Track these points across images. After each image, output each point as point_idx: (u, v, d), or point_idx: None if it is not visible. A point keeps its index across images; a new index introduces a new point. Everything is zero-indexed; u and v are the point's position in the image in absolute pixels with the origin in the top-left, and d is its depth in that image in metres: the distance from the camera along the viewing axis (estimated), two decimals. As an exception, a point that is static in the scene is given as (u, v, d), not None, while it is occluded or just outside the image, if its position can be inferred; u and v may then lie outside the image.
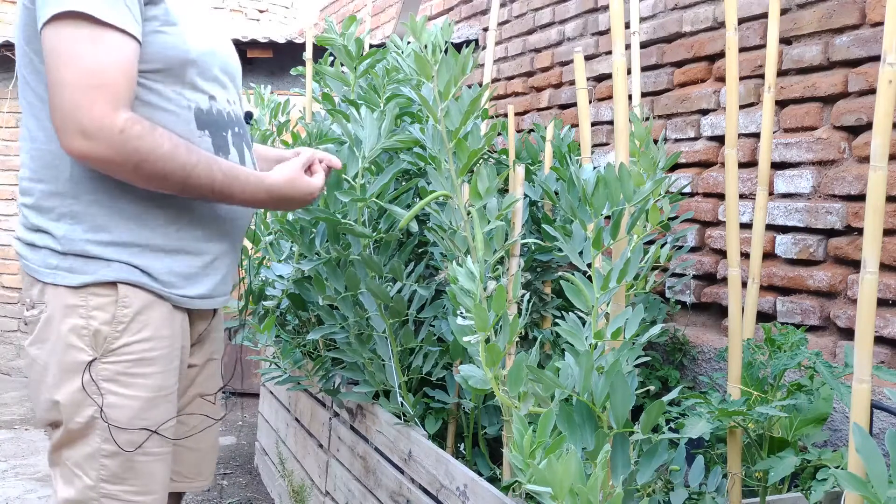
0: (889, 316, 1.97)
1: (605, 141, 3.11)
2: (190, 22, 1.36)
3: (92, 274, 1.31)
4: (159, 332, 1.35)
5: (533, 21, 3.69)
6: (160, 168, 1.25)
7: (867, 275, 1.09)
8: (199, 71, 1.36)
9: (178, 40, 1.32)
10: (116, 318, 1.31)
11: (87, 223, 1.31)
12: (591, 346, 1.37)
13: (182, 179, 1.27)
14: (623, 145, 1.48)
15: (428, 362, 1.92)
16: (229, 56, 1.49)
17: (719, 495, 1.54)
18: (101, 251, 1.31)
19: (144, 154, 1.23)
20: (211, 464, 1.61)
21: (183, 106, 1.34)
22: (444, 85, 1.55)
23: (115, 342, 1.31)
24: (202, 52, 1.36)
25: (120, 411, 1.31)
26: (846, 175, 2.12)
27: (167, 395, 1.37)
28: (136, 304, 1.33)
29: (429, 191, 1.69)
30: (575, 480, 1.03)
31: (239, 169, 1.35)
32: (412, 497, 1.78)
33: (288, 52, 4.73)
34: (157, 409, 1.35)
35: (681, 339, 2.43)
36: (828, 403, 1.62)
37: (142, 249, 1.34)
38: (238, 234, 1.50)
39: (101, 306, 1.31)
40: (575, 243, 1.48)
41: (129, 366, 1.32)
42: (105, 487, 1.32)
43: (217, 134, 1.40)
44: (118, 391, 1.31)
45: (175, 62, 1.32)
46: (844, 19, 2.17)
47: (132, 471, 1.34)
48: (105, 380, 1.31)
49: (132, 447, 1.32)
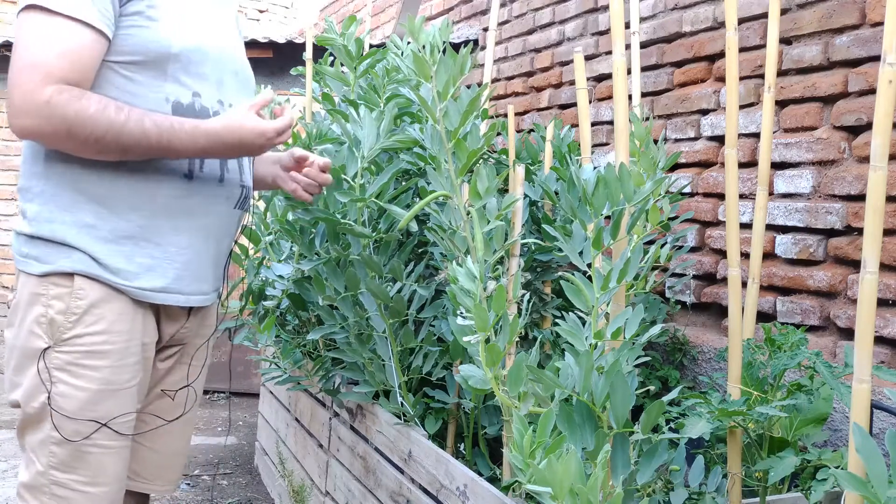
0: (889, 316, 1.97)
1: (605, 141, 3.11)
2: (177, 18, 1.37)
3: (52, 263, 1.34)
4: (114, 327, 1.36)
5: (533, 21, 3.69)
6: (90, 130, 1.27)
7: (867, 275, 1.09)
8: (182, 66, 1.38)
9: (158, 35, 1.35)
10: (70, 309, 1.34)
11: (55, 203, 1.35)
12: (591, 346, 1.37)
13: (115, 138, 1.29)
14: (623, 145, 1.48)
15: (428, 362, 1.92)
16: (227, 58, 1.49)
17: (719, 495, 1.54)
18: (65, 233, 1.34)
19: (72, 119, 1.26)
20: (174, 469, 1.60)
21: (160, 99, 1.37)
22: (442, 85, 1.55)
23: (68, 332, 1.34)
24: (186, 49, 1.38)
25: (68, 401, 1.34)
26: (846, 175, 2.12)
27: (118, 389, 1.38)
28: (91, 296, 1.35)
29: (428, 191, 1.69)
30: (575, 480, 1.03)
31: (173, 119, 1.34)
32: (412, 497, 1.78)
33: (288, 52, 4.73)
34: (107, 403, 1.36)
35: (681, 339, 2.43)
36: (828, 403, 1.62)
37: (103, 233, 1.36)
38: (213, 232, 1.48)
39: (58, 296, 1.34)
40: (575, 243, 1.48)
41: (80, 357, 1.34)
42: (54, 475, 1.35)
43: None
44: (68, 381, 1.34)
45: (155, 55, 1.35)
46: (844, 19, 2.17)
47: (81, 461, 1.35)
48: (56, 368, 1.34)
49: (78, 437, 1.34)
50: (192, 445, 3.56)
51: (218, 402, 4.32)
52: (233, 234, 1.57)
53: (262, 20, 8.22)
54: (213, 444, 3.63)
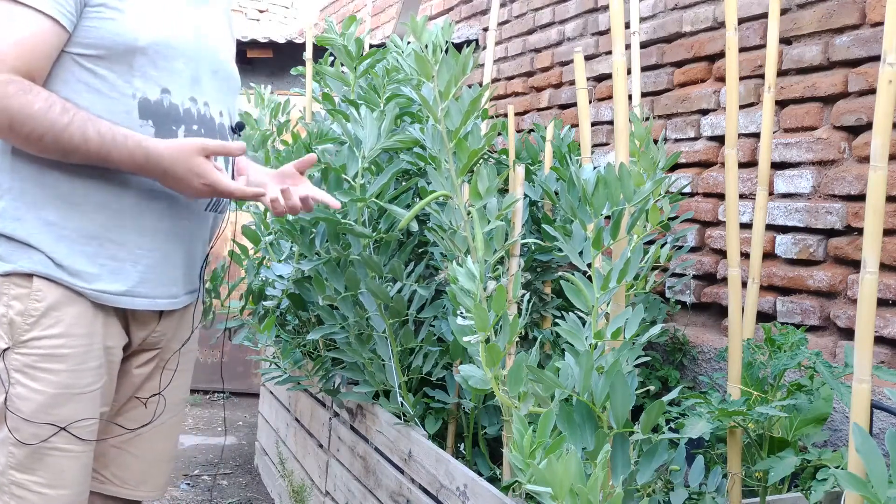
0: (889, 316, 1.97)
1: (605, 141, 3.11)
2: (146, 11, 1.34)
3: (13, 263, 1.32)
4: (72, 330, 1.34)
5: (533, 21, 3.69)
6: (31, 128, 1.25)
7: (867, 275, 1.09)
8: (149, 60, 1.35)
9: (124, 27, 1.32)
10: (28, 311, 1.32)
11: (21, 200, 1.33)
12: (591, 346, 1.37)
13: (55, 139, 1.26)
14: (623, 145, 1.48)
15: (428, 362, 1.92)
16: (206, 55, 1.45)
17: (719, 495, 1.54)
18: (27, 231, 1.32)
19: (14, 112, 1.23)
20: (161, 475, 1.59)
21: (126, 94, 1.34)
22: (444, 85, 1.55)
23: (26, 334, 1.32)
24: (154, 42, 1.34)
25: (25, 403, 1.32)
26: (846, 175, 2.12)
27: (78, 393, 1.35)
28: (49, 298, 1.33)
29: (429, 191, 1.69)
30: (575, 480, 1.03)
31: (119, 130, 1.30)
32: (412, 497, 1.78)
33: (288, 52, 4.73)
34: (66, 407, 1.34)
35: (681, 339, 2.43)
36: (828, 403, 1.62)
37: (66, 232, 1.33)
38: (181, 234, 1.45)
39: (18, 296, 1.32)
40: (575, 243, 1.48)
41: (37, 360, 1.33)
42: (13, 475, 1.33)
43: (164, 126, 1.37)
44: (25, 383, 1.32)
45: (120, 49, 1.32)
46: (844, 19, 2.17)
47: (40, 462, 1.34)
48: (14, 370, 1.32)
49: (36, 440, 1.32)
50: (192, 445, 3.56)
51: (218, 402, 4.32)
52: (205, 236, 1.53)
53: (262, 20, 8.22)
54: (213, 444, 3.63)
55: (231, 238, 2.98)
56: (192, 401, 4.23)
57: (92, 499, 1.50)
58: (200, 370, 4.39)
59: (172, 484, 3.07)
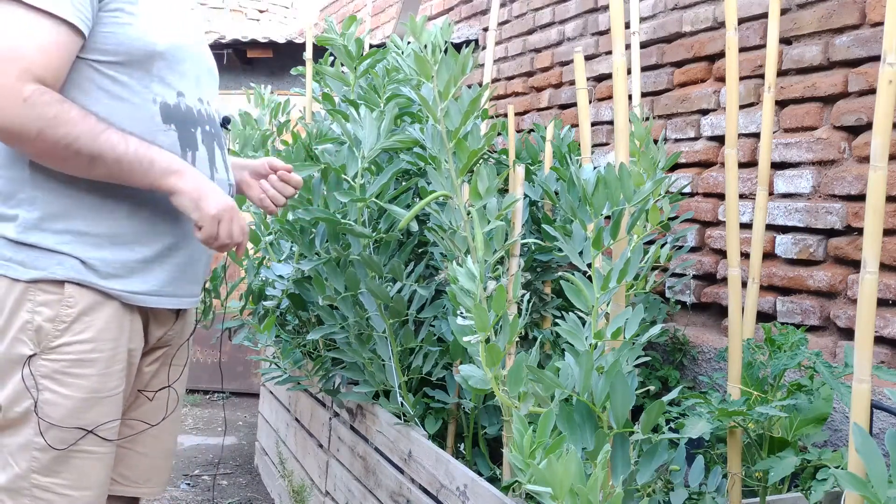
0: (889, 316, 1.97)
1: (605, 141, 3.11)
2: (157, 15, 1.35)
3: (42, 270, 1.31)
4: (102, 335, 1.35)
5: (533, 21, 3.69)
6: (66, 131, 1.23)
7: (867, 275, 1.09)
8: (167, 65, 1.35)
9: (142, 32, 1.31)
10: (59, 317, 1.32)
11: (44, 210, 1.32)
12: (591, 346, 1.37)
13: (91, 141, 1.25)
14: (623, 145, 1.48)
15: (428, 362, 1.92)
16: (202, 55, 1.47)
17: (719, 495, 1.54)
18: (55, 241, 1.32)
19: (49, 119, 1.22)
20: (163, 471, 1.59)
21: (148, 99, 1.34)
22: (443, 85, 1.55)
23: (56, 340, 1.32)
24: (169, 46, 1.35)
25: (54, 408, 1.32)
26: (846, 175, 2.12)
27: (105, 397, 1.36)
28: (81, 304, 1.33)
29: (429, 191, 1.69)
30: (575, 480, 1.03)
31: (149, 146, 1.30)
32: (412, 497, 1.78)
33: (288, 52, 4.73)
34: (93, 410, 1.35)
35: (681, 339, 2.43)
36: (828, 403, 1.62)
37: (96, 239, 1.33)
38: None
39: (46, 303, 1.31)
40: (575, 243, 1.48)
41: (68, 365, 1.32)
42: (36, 478, 1.33)
43: (185, 129, 1.39)
44: (55, 389, 1.32)
45: (140, 54, 1.32)
46: (844, 19, 2.17)
47: (65, 465, 1.34)
48: (43, 376, 1.32)
49: (63, 445, 1.33)
50: (192, 445, 3.56)
51: (218, 402, 4.32)
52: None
53: (262, 20, 8.22)
54: (213, 444, 3.63)
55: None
56: (192, 401, 4.23)
57: None
58: (201, 370, 4.40)
59: (172, 484, 3.07)
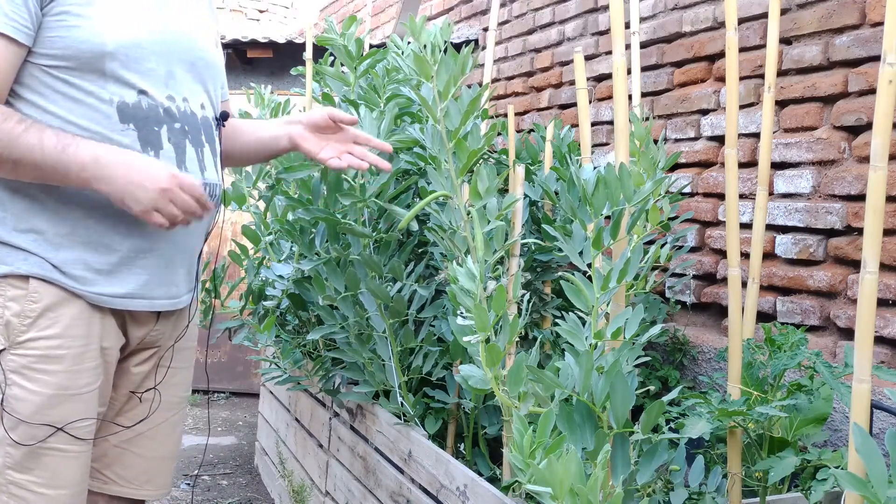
0: (889, 316, 1.97)
1: (605, 141, 3.11)
2: (113, 14, 1.32)
3: (9, 265, 1.32)
4: (70, 331, 1.34)
5: (533, 21, 3.69)
6: None
7: (867, 275, 1.09)
8: (121, 64, 1.33)
9: (89, 34, 1.30)
10: (24, 312, 1.32)
11: (9, 210, 1.33)
12: (591, 346, 1.37)
13: (8, 145, 1.24)
14: (623, 145, 1.48)
15: (428, 362, 1.92)
16: (183, 49, 1.42)
17: (719, 495, 1.54)
18: (21, 239, 1.32)
19: None
20: (164, 474, 1.59)
21: (104, 100, 1.33)
22: (443, 85, 1.55)
23: (22, 335, 1.32)
24: (123, 44, 1.32)
25: (22, 404, 1.32)
26: (846, 175, 2.12)
27: (75, 394, 1.35)
28: (45, 300, 1.33)
29: (429, 191, 1.69)
30: (575, 480, 1.03)
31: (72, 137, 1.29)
32: (412, 497, 1.78)
33: (288, 52, 4.73)
34: (62, 407, 1.34)
35: (681, 339, 2.43)
36: (828, 403, 1.62)
37: (60, 240, 1.33)
38: (184, 235, 1.44)
39: (14, 298, 1.32)
40: (575, 243, 1.48)
41: (34, 361, 1.32)
42: (10, 475, 1.33)
43: (146, 128, 1.36)
44: (22, 384, 1.32)
45: (88, 55, 1.31)
46: (844, 19, 2.17)
47: (37, 462, 1.34)
48: (11, 371, 1.32)
49: (33, 441, 1.32)
50: (192, 445, 3.56)
51: (218, 402, 4.32)
52: (201, 233, 1.51)
53: (262, 20, 8.22)
54: (213, 443, 3.63)
55: (231, 238, 2.98)
56: (191, 401, 4.24)
57: (96, 499, 1.51)
58: (201, 370, 4.39)
59: (172, 483, 3.07)
